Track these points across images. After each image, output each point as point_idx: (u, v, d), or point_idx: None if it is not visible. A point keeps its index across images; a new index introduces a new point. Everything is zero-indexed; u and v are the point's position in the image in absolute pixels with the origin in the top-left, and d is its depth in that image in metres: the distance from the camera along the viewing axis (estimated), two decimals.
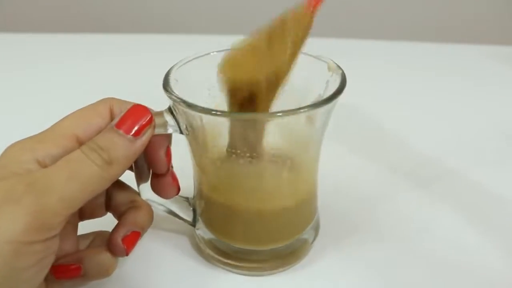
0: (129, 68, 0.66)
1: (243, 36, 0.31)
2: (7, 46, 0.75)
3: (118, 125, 0.27)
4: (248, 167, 0.30)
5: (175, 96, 0.29)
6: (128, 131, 0.27)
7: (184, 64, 0.33)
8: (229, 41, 0.34)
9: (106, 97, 0.30)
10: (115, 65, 0.67)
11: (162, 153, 0.30)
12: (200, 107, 0.28)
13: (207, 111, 0.28)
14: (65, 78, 0.64)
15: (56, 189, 0.24)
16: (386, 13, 0.77)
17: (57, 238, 0.25)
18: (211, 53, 0.34)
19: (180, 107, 0.29)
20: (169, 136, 0.31)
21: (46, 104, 0.56)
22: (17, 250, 0.23)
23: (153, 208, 0.32)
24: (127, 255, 0.30)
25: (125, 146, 0.27)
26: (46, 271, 0.26)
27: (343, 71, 0.31)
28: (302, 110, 0.28)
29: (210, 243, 0.34)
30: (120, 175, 0.28)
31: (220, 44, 0.33)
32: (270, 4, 0.82)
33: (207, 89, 0.33)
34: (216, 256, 0.34)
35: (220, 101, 0.31)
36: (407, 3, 0.79)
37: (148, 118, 0.28)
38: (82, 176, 0.25)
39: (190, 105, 0.28)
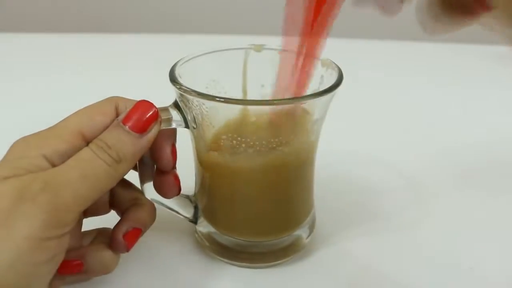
0: (129, 68, 0.66)
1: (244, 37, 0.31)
2: (7, 46, 0.75)
3: (125, 121, 0.28)
4: (256, 157, 0.31)
5: (185, 87, 0.29)
6: (134, 127, 0.27)
7: (186, 61, 0.33)
8: (229, 41, 0.34)
9: (111, 96, 0.30)
10: (115, 65, 0.67)
11: (168, 149, 0.31)
12: (212, 95, 0.28)
13: (220, 99, 0.28)
14: (65, 78, 0.64)
15: (70, 188, 0.25)
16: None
17: (69, 234, 0.26)
18: (212, 52, 0.34)
19: (190, 97, 0.29)
20: (174, 132, 0.31)
21: (46, 104, 0.56)
22: (34, 246, 0.24)
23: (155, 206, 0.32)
24: (127, 251, 0.31)
25: (132, 143, 0.27)
26: (57, 267, 0.26)
27: (339, 67, 0.32)
28: (303, 99, 0.29)
29: (211, 238, 0.34)
30: (127, 172, 0.28)
31: (220, 44, 0.34)
32: (270, 4, 0.82)
33: (205, 87, 0.34)
34: (217, 250, 0.34)
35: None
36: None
37: (153, 112, 0.28)
38: (93, 174, 0.26)
39: (201, 94, 0.28)
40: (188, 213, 0.35)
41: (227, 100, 0.28)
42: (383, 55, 0.72)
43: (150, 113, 0.28)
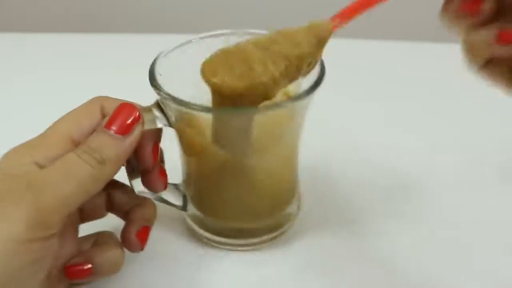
0: (130, 68, 0.65)
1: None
2: (7, 46, 0.75)
3: (107, 126, 0.28)
4: (236, 159, 0.32)
5: (164, 93, 0.29)
6: (117, 131, 0.28)
7: (165, 55, 0.33)
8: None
9: (97, 96, 0.31)
10: (115, 65, 0.67)
11: (149, 149, 0.31)
12: (186, 102, 0.29)
13: (192, 106, 0.28)
14: (65, 78, 0.64)
15: (53, 188, 0.25)
16: (386, 13, 0.76)
17: (55, 239, 0.26)
18: (192, 40, 0.35)
19: (168, 102, 0.29)
20: (157, 131, 0.32)
21: (47, 104, 0.55)
22: (15, 249, 0.24)
23: None
24: (142, 249, 0.32)
25: (115, 145, 0.28)
26: (44, 272, 0.26)
27: (321, 59, 0.31)
28: (284, 104, 0.29)
29: (202, 224, 0.35)
30: (115, 173, 0.28)
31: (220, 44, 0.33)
32: (270, 4, 0.82)
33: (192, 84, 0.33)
34: (208, 235, 0.35)
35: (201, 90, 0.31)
36: (407, 2, 0.79)
37: (135, 116, 0.28)
38: (77, 176, 0.26)
39: (175, 100, 0.29)
40: (177, 201, 0.35)
41: (202, 108, 0.29)
42: (383, 56, 0.72)
43: (133, 117, 0.28)
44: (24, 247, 0.24)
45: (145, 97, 0.32)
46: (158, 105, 0.31)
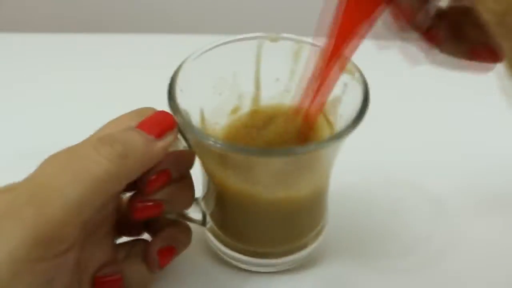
0: (132, 68, 0.65)
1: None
2: (7, 46, 0.74)
3: (140, 126, 0.26)
4: (263, 191, 0.29)
5: (183, 124, 0.27)
6: (149, 132, 0.25)
7: (185, 71, 0.30)
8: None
9: (144, 106, 0.28)
10: (117, 66, 0.67)
11: (152, 172, 0.27)
12: (207, 136, 0.26)
13: (219, 144, 0.26)
14: (66, 78, 0.64)
15: (59, 195, 0.22)
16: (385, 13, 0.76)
17: (71, 253, 0.23)
18: (221, 44, 0.32)
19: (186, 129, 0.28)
20: (173, 156, 0.28)
21: (47, 105, 0.55)
22: (16, 270, 0.21)
23: None
24: (160, 268, 0.29)
25: (144, 143, 0.25)
26: None
27: (365, 81, 0.29)
28: (327, 144, 0.26)
29: (220, 239, 0.34)
30: (137, 173, 0.25)
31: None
32: (270, 4, 0.82)
33: (217, 81, 0.33)
34: (226, 250, 0.34)
35: (226, 97, 0.31)
36: None
37: (171, 123, 0.26)
38: (90, 175, 0.23)
39: (193, 130, 0.27)
40: (196, 215, 0.34)
41: (222, 147, 0.25)
42: (379, 56, 0.72)
43: (168, 123, 0.26)
44: (29, 267, 0.21)
45: (146, 98, 0.30)
46: (178, 126, 0.28)
